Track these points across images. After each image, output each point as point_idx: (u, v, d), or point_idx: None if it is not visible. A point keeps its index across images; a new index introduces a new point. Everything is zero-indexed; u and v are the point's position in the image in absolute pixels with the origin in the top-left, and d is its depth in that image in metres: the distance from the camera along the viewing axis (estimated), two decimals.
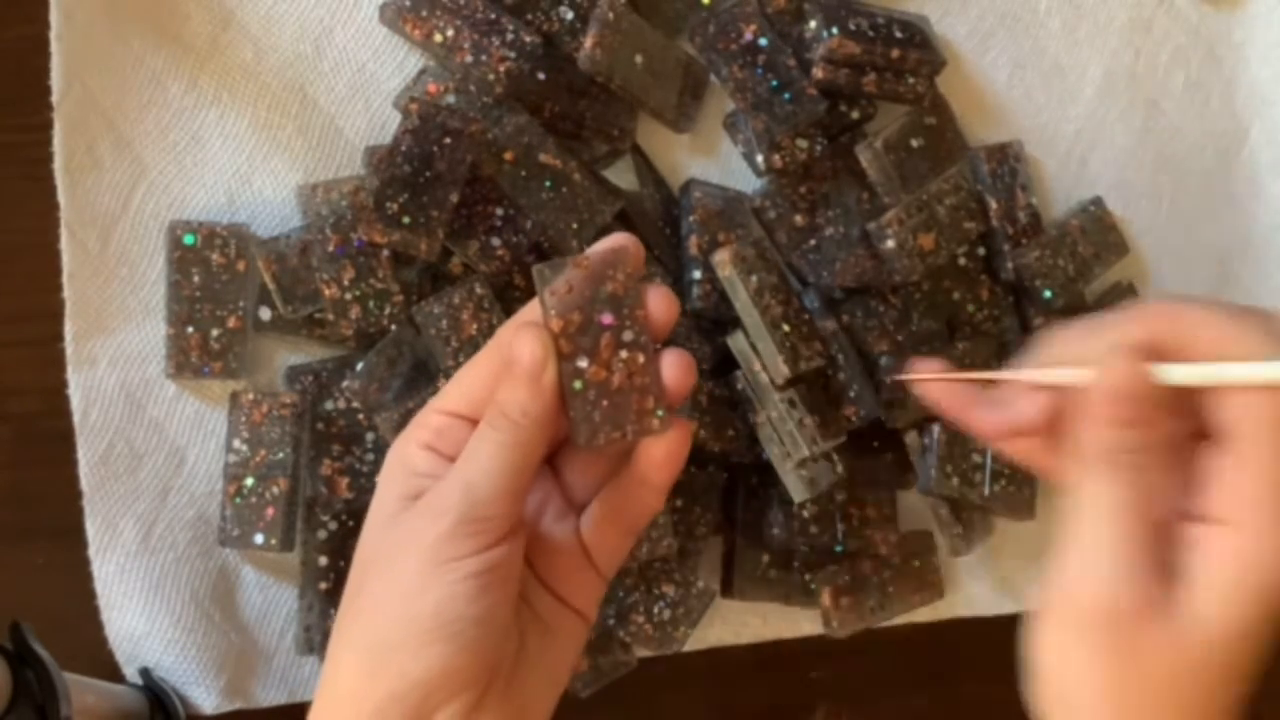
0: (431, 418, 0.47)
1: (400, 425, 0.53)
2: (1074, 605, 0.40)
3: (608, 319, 0.44)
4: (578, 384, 0.44)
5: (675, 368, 0.45)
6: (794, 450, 0.56)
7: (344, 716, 0.43)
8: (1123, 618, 0.39)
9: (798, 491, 0.57)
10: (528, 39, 0.55)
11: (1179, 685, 0.39)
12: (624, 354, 0.44)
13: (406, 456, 0.46)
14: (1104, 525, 0.40)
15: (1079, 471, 0.41)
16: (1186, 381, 0.41)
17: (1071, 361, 0.43)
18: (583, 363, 0.44)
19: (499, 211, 0.55)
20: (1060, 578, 0.41)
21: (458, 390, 0.47)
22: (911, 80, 0.59)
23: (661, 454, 0.46)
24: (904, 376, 0.47)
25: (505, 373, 0.44)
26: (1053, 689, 0.41)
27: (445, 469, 0.45)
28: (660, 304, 0.45)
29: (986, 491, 0.59)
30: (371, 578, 0.44)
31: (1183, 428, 0.41)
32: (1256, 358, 0.39)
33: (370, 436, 0.56)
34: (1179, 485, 0.41)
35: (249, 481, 0.54)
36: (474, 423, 0.46)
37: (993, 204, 0.61)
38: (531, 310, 0.46)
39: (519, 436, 0.44)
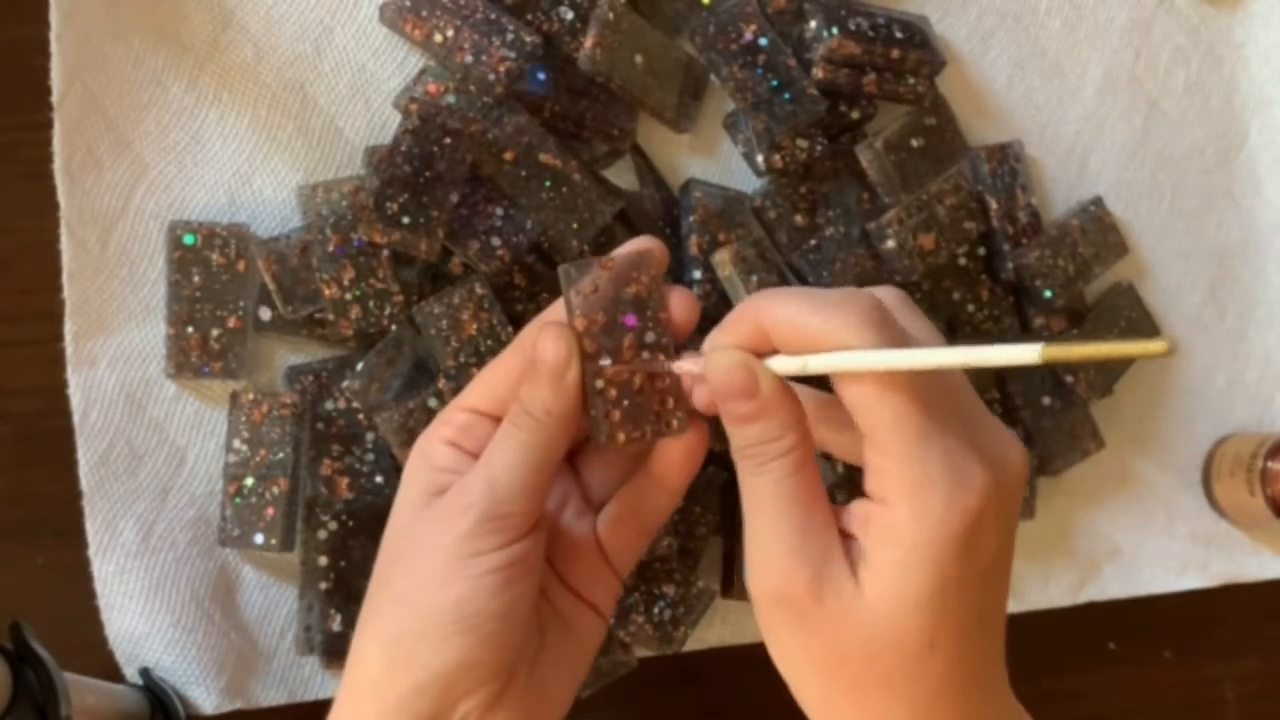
0: (455, 414, 0.47)
1: (401, 425, 0.53)
2: (757, 590, 0.42)
3: (631, 320, 0.45)
4: (599, 383, 0.44)
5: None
6: None
7: (367, 708, 0.43)
8: (798, 598, 0.41)
9: None
10: (528, 39, 0.55)
11: (873, 654, 0.40)
12: (645, 355, 0.45)
13: (430, 452, 0.47)
14: (759, 516, 0.42)
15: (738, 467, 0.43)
16: (785, 372, 0.42)
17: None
18: (605, 362, 0.44)
19: (499, 211, 0.55)
20: (747, 564, 0.42)
21: (481, 387, 0.47)
22: (911, 80, 0.59)
23: (679, 455, 0.47)
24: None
25: (529, 371, 0.45)
26: (777, 661, 0.43)
27: (468, 465, 0.45)
28: (682, 306, 0.46)
29: None
30: (395, 572, 0.45)
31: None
32: (838, 346, 0.40)
33: (370, 436, 0.56)
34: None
35: (249, 481, 0.54)
36: (497, 420, 0.46)
37: (993, 204, 0.61)
38: (556, 310, 0.46)
39: (542, 434, 0.44)
